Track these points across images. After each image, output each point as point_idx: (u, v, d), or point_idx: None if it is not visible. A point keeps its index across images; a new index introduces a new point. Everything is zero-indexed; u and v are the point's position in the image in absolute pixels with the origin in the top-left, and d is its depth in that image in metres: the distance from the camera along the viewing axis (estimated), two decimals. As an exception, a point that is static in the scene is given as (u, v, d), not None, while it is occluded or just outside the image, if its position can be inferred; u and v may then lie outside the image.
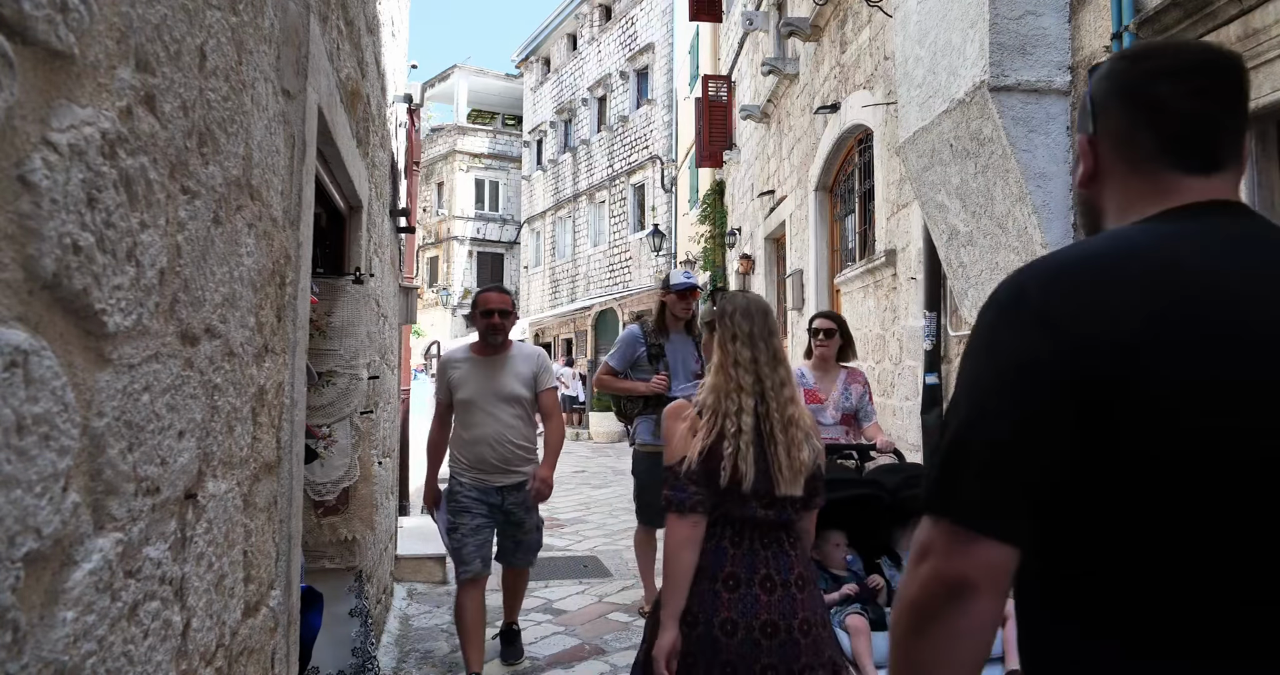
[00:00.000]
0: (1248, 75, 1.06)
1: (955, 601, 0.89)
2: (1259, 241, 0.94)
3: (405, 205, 6.28)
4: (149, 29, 1.05)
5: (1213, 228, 0.95)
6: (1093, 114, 1.07)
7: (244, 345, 1.61)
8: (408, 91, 6.54)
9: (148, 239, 1.07)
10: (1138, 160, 1.02)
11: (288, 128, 1.98)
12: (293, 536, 2.12)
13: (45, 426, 0.80)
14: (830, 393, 4.37)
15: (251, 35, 1.59)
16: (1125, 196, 1.03)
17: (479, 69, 29.87)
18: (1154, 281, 0.89)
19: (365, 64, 3.63)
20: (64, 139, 0.83)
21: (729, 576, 2.14)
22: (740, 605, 2.12)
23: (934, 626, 0.91)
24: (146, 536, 1.09)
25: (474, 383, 3.93)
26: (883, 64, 6.36)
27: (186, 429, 1.26)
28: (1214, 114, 1.01)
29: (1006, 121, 3.77)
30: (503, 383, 3.93)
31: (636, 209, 21.03)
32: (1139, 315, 0.87)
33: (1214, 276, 0.89)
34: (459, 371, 3.97)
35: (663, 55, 19.96)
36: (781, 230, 10.37)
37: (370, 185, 3.88)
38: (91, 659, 0.91)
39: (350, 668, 3.14)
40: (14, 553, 0.74)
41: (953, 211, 4.50)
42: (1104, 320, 0.88)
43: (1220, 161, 1.01)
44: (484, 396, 3.91)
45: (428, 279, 27.98)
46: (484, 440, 3.89)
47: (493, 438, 3.89)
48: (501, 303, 3.98)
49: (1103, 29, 3.56)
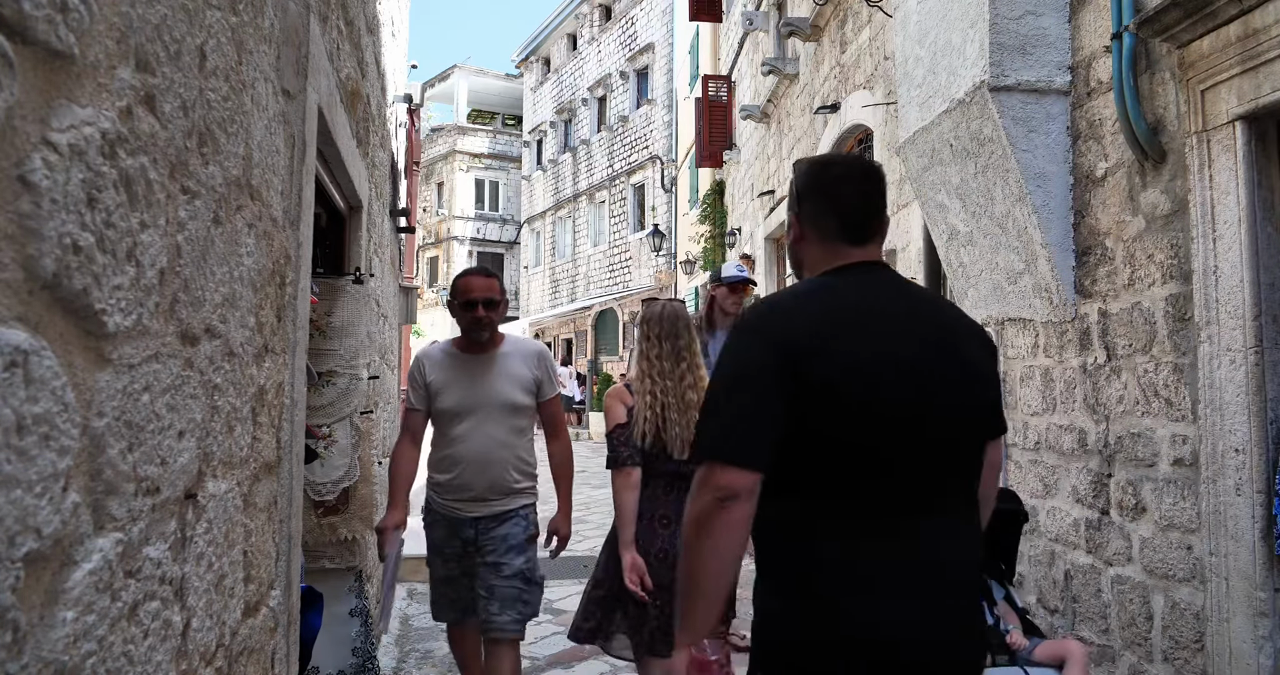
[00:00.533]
0: (885, 178, 1.71)
1: (724, 505, 1.41)
2: (886, 284, 1.62)
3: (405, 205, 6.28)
4: (149, 29, 1.05)
5: (861, 277, 1.60)
6: (799, 199, 1.67)
7: (244, 345, 1.61)
8: (408, 91, 6.54)
9: (148, 239, 1.07)
10: (825, 234, 1.63)
11: (288, 128, 1.98)
12: (293, 536, 2.12)
13: (45, 426, 0.80)
14: None
15: (251, 35, 1.59)
16: (817, 257, 1.65)
17: (479, 69, 29.88)
18: (819, 309, 1.53)
19: (365, 64, 3.63)
20: (64, 139, 0.83)
21: (662, 516, 2.85)
22: (673, 538, 2.76)
23: (712, 523, 1.41)
24: (146, 536, 1.09)
25: (458, 388, 3.09)
26: (883, 64, 6.36)
27: (186, 429, 1.26)
28: (871, 207, 1.64)
29: (1006, 121, 3.76)
30: (495, 388, 3.09)
31: (636, 209, 21.03)
32: (808, 327, 1.49)
33: (856, 303, 1.54)
34: (439, 374, 3.13)
35: (663, 55, 19.96)
36: (782, 230, 10.37)
37: (370, 185, 3.88)
38: (91, 659, 0.91)
39: (350, 668, 3.14)
40: (14, 553, 0.74)
41: (953, 211, 4.50)
42: (791, 331, 1.48)
43: (870, 236, 1.64)
44: (471, 405, 3.06)
45: (428, 279, 27.98)
46: (469, 461, 3.03)
47: (481, 459, 3.04)
48: (485, 290, 3.08)
49: (1103, 29, 3.56)
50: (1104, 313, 3.56)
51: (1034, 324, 4.09)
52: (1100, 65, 3.59)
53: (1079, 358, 3.73)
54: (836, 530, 1.45)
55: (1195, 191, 3.01)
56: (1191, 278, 3.03)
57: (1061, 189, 3.80)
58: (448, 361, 3.16)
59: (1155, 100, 3.27)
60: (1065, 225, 3.80)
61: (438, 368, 3.15)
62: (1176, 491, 3.11)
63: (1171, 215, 3.18)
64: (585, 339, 22.44)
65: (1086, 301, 3.69)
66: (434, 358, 3.20)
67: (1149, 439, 3.27)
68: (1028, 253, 3.95)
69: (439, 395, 3.11)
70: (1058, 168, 3.80)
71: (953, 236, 4.61)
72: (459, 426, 3.07)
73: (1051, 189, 3.79)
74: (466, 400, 3.07)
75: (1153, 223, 3.28)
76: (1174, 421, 3.13)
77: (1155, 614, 3.21)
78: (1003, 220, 4.04)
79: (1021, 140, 3.78)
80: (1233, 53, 2.82)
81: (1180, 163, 3.12)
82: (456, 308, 3.10)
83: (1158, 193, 3.25)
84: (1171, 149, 3.18)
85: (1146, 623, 3.24)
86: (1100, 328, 3.58)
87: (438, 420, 3.14)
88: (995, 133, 3.83)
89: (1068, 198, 3.80)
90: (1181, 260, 3.11)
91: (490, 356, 3.15)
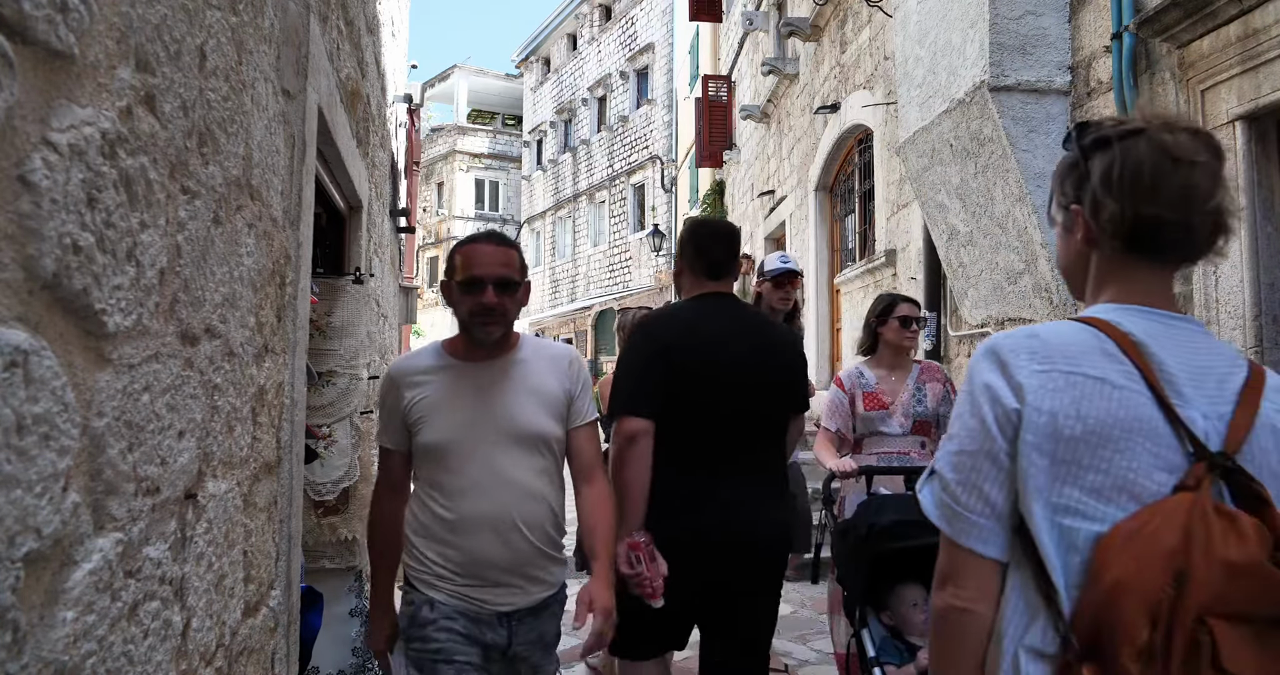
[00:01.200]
0: (739, 235, 2.67)
1: (630, 443, 2.25)
2: (730, 308, 2.46)
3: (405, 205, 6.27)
4: (149, 29, 1.05)
5: (716, 302, 2.45)
6: (682, 247, 2.54)
7: (244, 345, 1.61)
8: (408, 91, 6.54)
9: (148, 239, 1.07)
10: (696, 273, 2.49)
11: (288, 128, 1.98)
12: (293, 536, 2.12)
13: (45, 426, 0.80)
14: (899, 394, 3.44)
15: (251, 35, 1.59)
16: (690, 286, 2.52)
17: (479, 69, 29.89)
18: (686, 319, 2.42)
19: (365, 64, 3.63)
20: (64, 139, 0.83)
21: None
22: None
23: (625, 456, 2.25)
24: (146, 536, 1.09)
25: (455, 411, 2.04)
26: (883, 64, 6.36)
27: (186, 429, 1.26)
28: (726, 256, 2.49)
29: (1006, 121, 3.76)
30: (513, 410, 2.06)
31: (636, 209, 21.04)
32: (678, 331, 2.37)
33: (705, 321, 2.39)
34: (424, 391, 2.07)
35: (663, 55, 19.96)
36: (781, 230, 10.38)
37: (370, 185, 3.88)
38: (91, 659, 0.91)
39: (350, 668, 3.14)
40: (14, 553, 0.74)
41: (953, 211, 4.50)
42: (667, 333, 2.37)
43: (724, 275, 2.49)
44: (476, 437, 2.03)
45: (428, 279, 27.98)
46: (481, 523, 1.99)
47: (499, 517, 2.00)
48: (499, 263, 2.06)
49: (1103, 29, 3.56)
50: (1104, 313, 3.56)
51: (1034, 324, 4.09)
52: (1100, 65, 3.59)
53: (1079, 358, 3.72)
54: (683, 468, 2.30)
55: (1195, 191, 3.01)
56: (1191, 278, 3.03)
57: (1061, 189, 3.80)
58: (438, 373, 2.08)
59: (1155, 100, 3.27)
60: (1065, 225, 3.80)
61: (422, 383, 2.07)
62: (1176, 491, 3.11)
63: (1171, 215, 3.18)
64: (585, 339, 22.45)
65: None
66: (413, 368, 2.10)
67: (1149, 439, 3.26)
68: (1028, 253, 3.95)
69: (424, 423, 2.03)
70: (1058, 168, 3.80)
71: (953, 236, 4.61)
72: (460, 471, 2.00)
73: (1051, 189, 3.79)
74: (469, 429, 2.01)
75: (1153, 223, 3.28)
76: (1174, 421, 3.13)
77: (1155, 614, 3.20)
78: (1003, 220, 4.04)
79: (1021, 140, 3.78)
80: (1233, 53, 2.82)
81: (1180, 163, 3.12)
82: (456, 290, 2.05)
83: (1158, 193, 3.25)
84: (1171, 149, 3.18)
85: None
86: (1100, 328, 3.58)
87: (425, 460, 2.06)
88: (995, 133, 3.83)
89: (1068, 198, 3.80)
90: (1181, 260, 3.11)
91: (503, 365, 2.10)
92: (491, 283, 2.02)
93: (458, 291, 2.06)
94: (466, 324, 2.06)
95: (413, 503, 2.10)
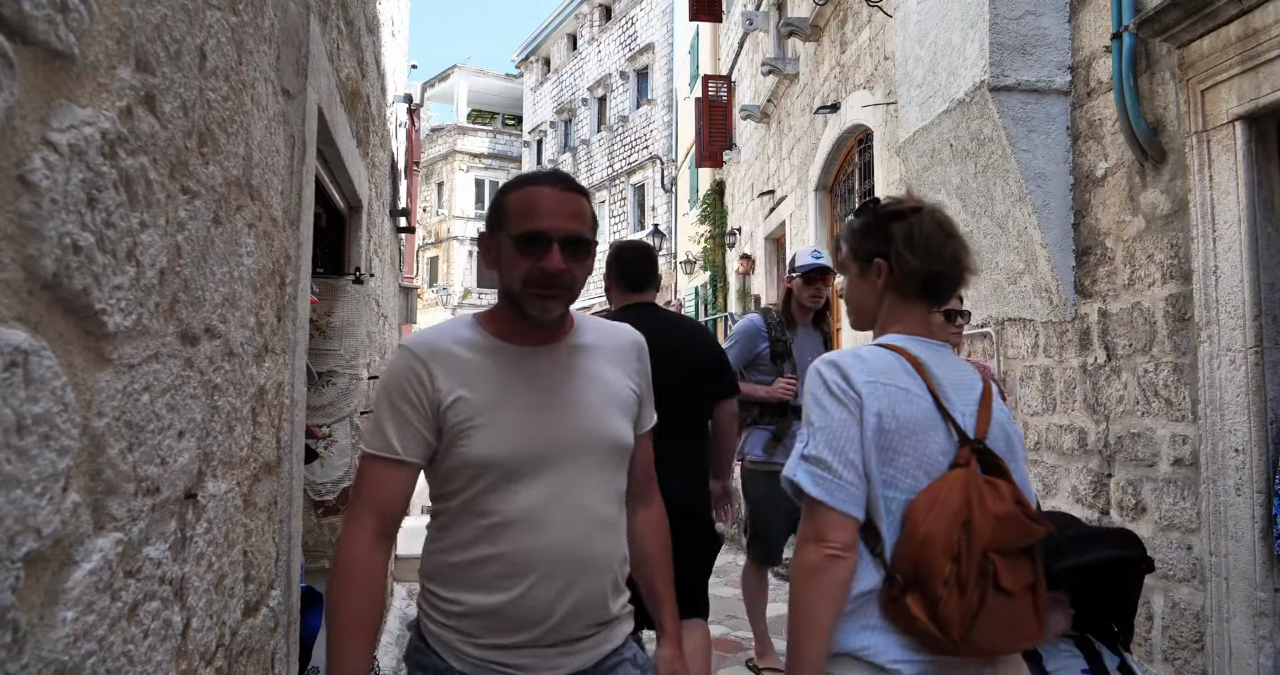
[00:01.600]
0: (656, 254, 3.27)
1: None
2: (651, 315, 2.90)
3: (405, 205, 6.27)
4: (149, 29, 1.05)
5: (638, 311, 2.87)
6: (609, 265, 3.03)
7: (244, 345, 1.61)
8: (408, 91, 6.54)
9: (148, 239, 1.07)
10: (623, 288, 3.00)
11: (288, 128, 1.98)
12: (293, 536, 2.12)
13: (45, 426, 0.80)
14: None
15: (251, 35, 1.59)
16: (618, 299, 3.01)
17: (479, 69, 29.89)
18: None
19: (365, 64, 3.63)
20: (64, 139, 0.83)
21: None
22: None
23: None
24: (146, 536, 1.09)
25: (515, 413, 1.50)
26: (883, 64, 6.36)
27: (186, 429, 1.26)
28: (646, 272, 3.02)
29: (1006, 121, 3.76)
30: (586, 413, 1.56)
31: (636, 209, 21.04)
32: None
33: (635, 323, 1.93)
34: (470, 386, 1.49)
35: (663, 55, 19.96)
36: (781, 230, 10.37)
37: (370, 185, 3.88)
38: (91, 659, 0.91)
39: (350, 668, 3.14)
40: (14, 553, 0.74)
41: (953, 211, 4.50)
42: None
43: (646, 286, 3.01)
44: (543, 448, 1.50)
45: (428, 279, 27.98)
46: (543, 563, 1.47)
47: (568, 555, 1.48)
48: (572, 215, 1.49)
49: (1103, 29, 3.56)
50: (1104, 313, 3.56)
51: (1034, 324, 4.09)
52: (1100, 65, 3.59)
53: (1079, 358, 3.72)
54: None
55: (1195, 191, 3.01)
56: (1191, 278, 3.03)
57: (1061, 189, 3.80)
58: (484, 359, 1.51)
59: (1155, 100, 3.27)
60: (1065, 225, 3.80)
61: (463, 370, 1.49)
62: (1176, 491, 3.11)
63: (1171, 215, 3.18)
64: (585, 339, 22.44)
65: (1086, 301, 3.69)
66: (448, 349, 1.50)
67: (1149, 439, 3.27)
68: (1028, 253, 3.95)
69: (475, 430, 1.46)
70: (1058, 168, 3.80)
71: (953, 236, 4.61)
72: (519, 495, 1.46)
73: (1051, 189, 3.79)
74: (533, 439, 1.48)
75: (1153, 223, 3.28)
76: (1174, 421, 3.13)
77: (1155, 614, 3.21)
78: (1003, 220, 4.04)
79: (1021, 140, 3.78)
80: (1233, 53, 2.82)
81: (1180, 163, 3.12)
82: (507, 247, 1.48)
83: (1158, 193, 3.25)
84: (1171, 149, 3.18)
85: (1146, 623, 3.24)
86: (1100, 328, 3.58)
87: (462, 481, 1.47)
88: (995, 133, 3.83)
89: (1068, 198, 3.81)
90: (1181, 260, 3.11)
91: (563, 351, 1.58)
92: (559, 240, 1.44)
93: (510, 249, 1.46)
94: (518, 295, 1.48)
95: (436, 539, 1.51)
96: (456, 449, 1.45)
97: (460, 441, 1.45)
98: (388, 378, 1.49)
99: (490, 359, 1.51)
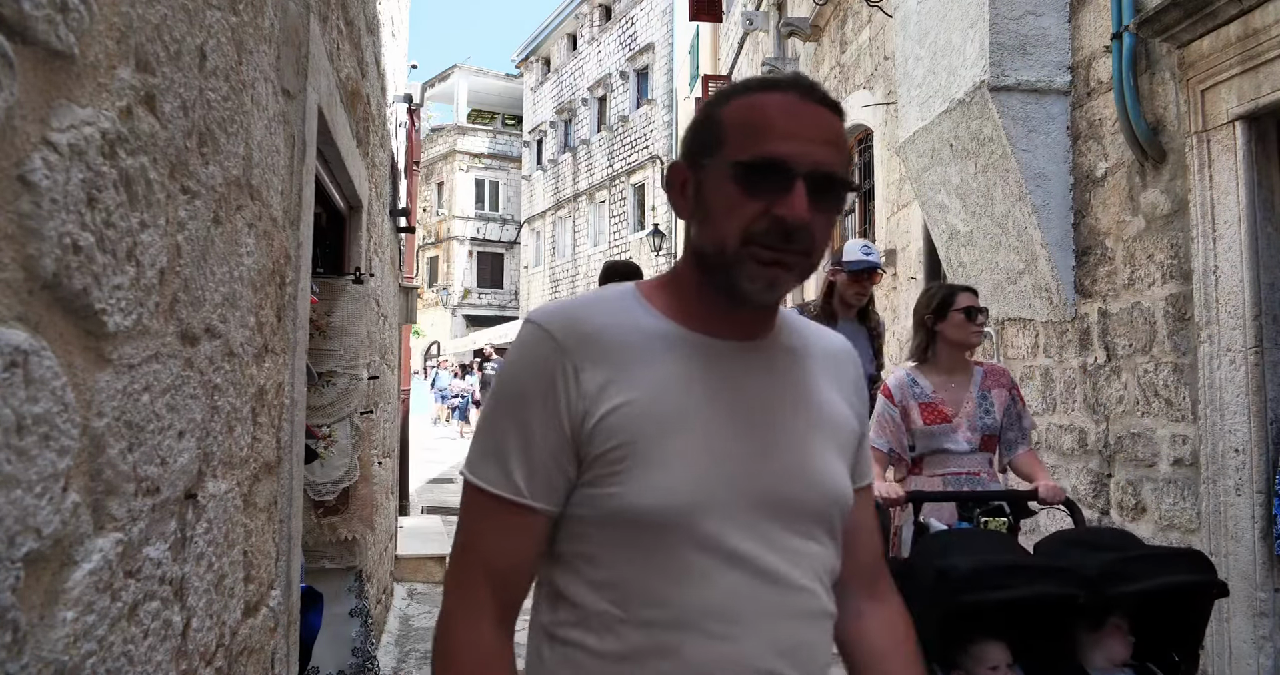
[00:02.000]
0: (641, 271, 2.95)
1: None
2: None
3: (405, 205, 6.27)
4: (149, 29, 1.05)
5: None
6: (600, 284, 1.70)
7: (244, 345, 1.61)
8: (408, 91, 6.54)
9: (148, 239, 1.07)
10: None
11: (288, 128, 1.98)
12: (293, 536, 2.12)
13: (45, 426, 0.80)
14: (962, 404, 2.83)
15: (251, 35, 1.59)
16: None
17: (479, 69, 29.88)
18: None
19: (365, 64, 3.63)
20: (64, 139, 0.83)
21: None
22: None
23: None
24: (146, 536, 1.09)
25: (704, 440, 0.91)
26: (883, 64, 6.36)
27: (186, 429, 1.26)
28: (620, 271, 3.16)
29: (1006, 121, 3.76)
30: (801, 450, 0.97)
31: (636, 209, 21.03)
32: None
33: None
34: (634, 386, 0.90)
35: (663, 55, 19.96)
36: (781, 230, 10.36)
37: (370, 185, 3.88)
38: (91, 659, 0.91)
39: (350, 668, 3.14)
40: (14, 553, 0.74)
41: (953, 211, 4.50)
42: None
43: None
44: (737, 498, 0.91)
45: (428, 279, 27.97)
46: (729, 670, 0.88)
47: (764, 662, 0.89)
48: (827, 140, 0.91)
49: (1103, 29, 3.56)
50: (1104, 313, 3.56)
51: (1034, 324, 4.09)
52: (1100, 65, 3.59)
53: (1079, 358, 3.72)
54: None
55: (1195, 191, 3.01)
56: (1191, 278, 3.03)
57: (1061, 189, 3.80)
58: (656, 355, 0.94)
59: (1155, 100, 3.27)
60: (1065, 225, 3.80)
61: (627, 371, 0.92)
62: (1176, 491, 3.11)
63: (1171, 215, 3.18)
64: (585, 339, 22.43)
65: (1086, 301, 3.69)
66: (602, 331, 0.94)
67: (1149, 439, 3.27)
68: (1028, 253, 3.95)
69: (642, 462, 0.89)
70: (1058, 168, 3.80)
71: (953, 236, 4.61)
72: (715, 574, 0.90)
73: (1051, 189, 3.80)
74: (742, 486, 0.92)
75: (1153, 223, 3.28)
76: (1174, 421, 3.13)
77: (1155, 614, 3.21)
78: (1003, 220, 4.04)
79: (1021, 140, 3.78)
80: (1233, 53, 2.82)
81: (1180, 163, 3.12)
82: (726, 181, 0.91)
83: (1158, 193, 3.25)
84: (1171, 149, 3.18)
85: (1146, 623, 3.24)
86: (1100, 328, 3.58)
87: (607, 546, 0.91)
88: (995, 133, 3.83)
89: (1068, 198, 3.81)
90: (1181, 260, 3.11)
91: (770, 355, 1.01)
92: (804, 175, 0.89)
93: (726, 185, 0.92)
94: (731, 258, 0.92)
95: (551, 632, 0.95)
96: (606, 490, 0.90)
97: (613, 479, 0.90)
98: (510, 369, 0.96)
99: (670, 355, 0.95)
